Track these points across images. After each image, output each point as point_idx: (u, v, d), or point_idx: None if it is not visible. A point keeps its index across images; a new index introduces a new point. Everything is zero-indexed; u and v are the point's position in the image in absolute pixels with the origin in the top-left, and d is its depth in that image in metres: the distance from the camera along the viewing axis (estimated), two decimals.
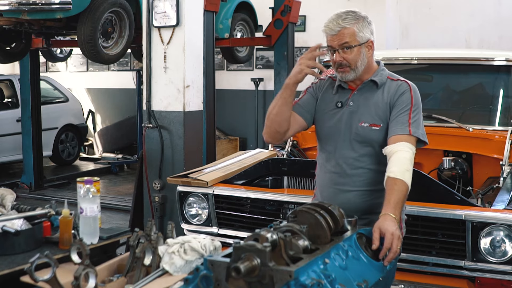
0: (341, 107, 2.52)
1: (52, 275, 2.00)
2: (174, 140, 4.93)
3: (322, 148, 2.59)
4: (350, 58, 2.43)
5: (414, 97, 2.46)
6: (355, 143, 2.47)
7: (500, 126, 3.92)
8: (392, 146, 2.38)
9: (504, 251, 2.84)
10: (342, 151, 2.49)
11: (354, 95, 2.52)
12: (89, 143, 11.27)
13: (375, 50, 2.54)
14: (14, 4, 5.37)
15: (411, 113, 2.43)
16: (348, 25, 2.40)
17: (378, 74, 2.53)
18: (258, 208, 3.45)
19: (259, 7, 8.16)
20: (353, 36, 2.41)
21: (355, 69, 2.45)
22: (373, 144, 2.46)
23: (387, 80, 2.52)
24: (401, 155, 2.35)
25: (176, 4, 4.80)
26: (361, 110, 2.48)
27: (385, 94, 2.49)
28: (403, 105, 2.44)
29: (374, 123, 2.45)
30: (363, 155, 2.47)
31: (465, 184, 3.72)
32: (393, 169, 2.32)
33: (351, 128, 2.48)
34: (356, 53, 2.43)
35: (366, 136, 2.46)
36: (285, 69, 7.08)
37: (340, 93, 2.56)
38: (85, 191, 2.63)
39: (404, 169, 2.32)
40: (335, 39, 2.41)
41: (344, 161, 2.49)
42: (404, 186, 2.30)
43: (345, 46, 2.42)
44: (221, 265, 1.58)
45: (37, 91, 8.25)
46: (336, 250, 1.84)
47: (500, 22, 8.43)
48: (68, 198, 3.49)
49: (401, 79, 2.55)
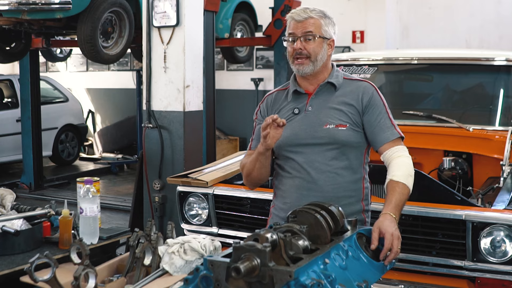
0: (298, 113, 2.46)
1: (51, 275, 2.00)
2: (174, 140, 4.93)
3: (282, 155, 2.49)
4: (310, 48, 2.38)
5: (383, 97, 2.46)
6: (320, 146, 2.41)
7: (500, 126, 3.92)
8: (391, 151, 2.38)
9: (504, 251, 2.83)
10: (307, 155, 2.42)
11: (312, 99, 2.46)
12: (89, 143, 11.28)
13: (376, 50, 2.53)
14: (14, 4, 5.37)
15: (389, 115, 2.44)
16: (316, 16, 2.39)
17: (333, 75, 2.48)
18: (258, 208, 3.45)
19: (259, 7, 8.16)
20: (318, 27, 2.39)
21: (314, 61, 2.40)
22: (341, 144, 2.41)
23: (343, 81, 2.49)
24: (404, 160, 2.37)
25: (176, 4, 4.80)
26: (323, 113, 2.43)
27: (347, 96, 2.44)
28: (379, 109, 2.42)
29: (340, 123, 2.40)
30: (331, 158, 2.41)
31: (465, 184, 3.72)
32: (396, 173, 2.33)
33: (315, 132, 2.41)
34: (318, 44, 2.39)
35: (333, 137, 2.39)
36: (285, 69, 7.09)
37: (296, 99, 2.49)
38: (85, 191, 2.63)
39: (408, 174, 2.34)
40: (300, 26, 2.39)
41: (309, 165, 2.42)
42: (406, 189, 2.31)
43: (309, 35, 2.38)
44: (221, 265, 1.58)
45: (37, 91, 8.26)
46: (336, 250, 1.83)
47: (500, 22, 8.44)
48: (68, 198, 3.50)
49: (358, 79, 2.53)
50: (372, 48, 8.46)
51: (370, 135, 2.44)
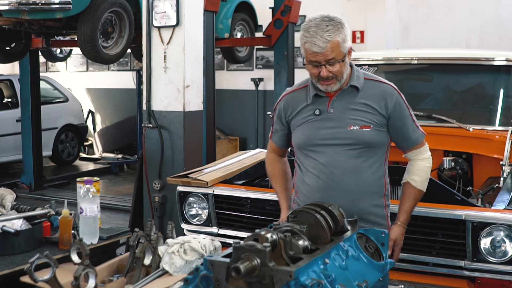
0: (319, 114, 2.47)
1: (52, 275, 2.00)
2: (174, 140, 4.92)
3: (304, 155, 2.52)
4: (336, 71, 2.37)
5: (405, 99, 2.50)
6: (344, 147, 2.43)
7: (500, 126, 3.92)
8: (414, 153, 2.54)
9: (504, 251, 2.84)
10: (330, 155, 2.44)
11: (333, 101, 2.46)
12: (89, 143, 11.28)
13: (376, 50, 2.55)
14: (14, 4, 5.37)
15: (412, 117, 2.50)
16: (332, 38, 2.31)
17: (354, 77, 2.47)
18: (258, 208, 3.45)
19: (259, 7, 8.16)
20: (338, 49, 2.33)
21: (340, 80, 2.41)
22: (365, 145, 2.43)
23: (365, 82, 2.49)
24: (424, 165, 2.54)
25: (176, 4, 4.80)
26: (347, 114, 2.44)
27: (370, 99, 2.45)
28: (403, 113, 2.47)
29: (364, 125, 2.43)
30: (354, 157, 2.43)
31: (465, 184, 3.72)
32: (415, 178, 2.53)
33: (339, 133, 2.43)
34: (341, 64, 2.37)
35: (357, 138, 2.42)
36: (285, 69, 7.09)
37: (316, 101, 2.50)
38: (85, 191, 2.63)
39: (425, 178, 2.54)
40: (320, 55, 2.33)
41: (333, 164, 2.44)
42: (420, 194, 2.55)
43: (332, 61, 2.35)
44: (221, 265, 1.58)
45: (37, 91, 8.25)
46: (336, 250, 1.83)
47: (500, 22, 8.43)
48: (68, 198, 3.50)
49: (380, 80, 2.53)
50: (372, 48, 8.44)
51: (396, 139, 2.53)
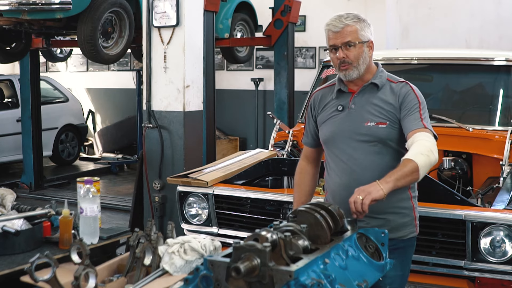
0: (342, 110, 2.56)
1: (52, 275, 2.00)
2: (174, 140, 4.93)
3: (329, 152, 2.61)
4: (352, 56, 2.48)
5: (419, 96, 2.52)
6: (363, 143, 2.49)
7: (500, 126, 3.93)
8: (412, 138, 2.40)
9: (504, 251, 2.84)
10: (350, 152, 2.51)
11: (355, 97, 2.56)
12: (89, 143, 11.27)
13: (375, 50, 2.57)
14: (14, 4, 5.37)
15: (421, 111, 2.48)
16: (351, 23, 2.47)
17: (377, 76, 2.56)
18: (258, 208, 3.45)
19: (259, 7, 8.15)
20: (355, 33, 2.47)
21: (357, 66, 2.49)
22: (382, 141, 2.48)
23: (386, 82, 2.56)
24: (420, 143, 2.35)
25: (176, 4, 4.80)
26: (365, 110, 2.52)
27: (388, 95, 2.52)
28: (411, 105, 2.48)
29: (380, 121, 2.48)
30: (375, 153, 2.49)
31: (465, 184, 3.73)
32: (407, 154, 2.33)
33: (357, 129, 2.50)
34: (358, 50, 2.48)
35: (374, 135, 2.48)
36: (285, 69, 7.09)
37: (340, 97, 2.60)
38: (85, 191, 2.63)
39: (418, 152, 2.31)
40: (338, 36, 2.47)
41: (354, 162, 2.50)
42: (411, 164, 2.27)
43: (348, 44, 2.46)
44: (221, 265, 1.58)
45: (37, 91, 8.25)
46: (336, 250, 1.84)
47: (500, 22, 8.43)
48: (68, 198, 3.50)
49: (400, 80, 2.58)
50: None
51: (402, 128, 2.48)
